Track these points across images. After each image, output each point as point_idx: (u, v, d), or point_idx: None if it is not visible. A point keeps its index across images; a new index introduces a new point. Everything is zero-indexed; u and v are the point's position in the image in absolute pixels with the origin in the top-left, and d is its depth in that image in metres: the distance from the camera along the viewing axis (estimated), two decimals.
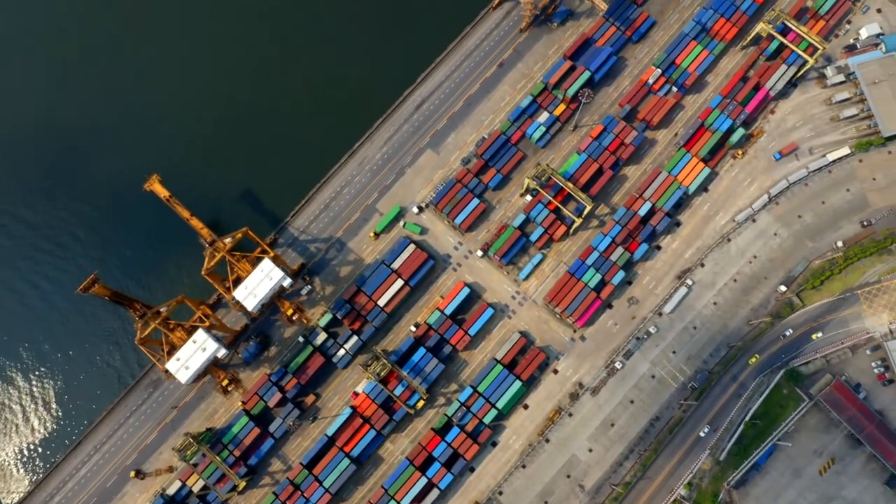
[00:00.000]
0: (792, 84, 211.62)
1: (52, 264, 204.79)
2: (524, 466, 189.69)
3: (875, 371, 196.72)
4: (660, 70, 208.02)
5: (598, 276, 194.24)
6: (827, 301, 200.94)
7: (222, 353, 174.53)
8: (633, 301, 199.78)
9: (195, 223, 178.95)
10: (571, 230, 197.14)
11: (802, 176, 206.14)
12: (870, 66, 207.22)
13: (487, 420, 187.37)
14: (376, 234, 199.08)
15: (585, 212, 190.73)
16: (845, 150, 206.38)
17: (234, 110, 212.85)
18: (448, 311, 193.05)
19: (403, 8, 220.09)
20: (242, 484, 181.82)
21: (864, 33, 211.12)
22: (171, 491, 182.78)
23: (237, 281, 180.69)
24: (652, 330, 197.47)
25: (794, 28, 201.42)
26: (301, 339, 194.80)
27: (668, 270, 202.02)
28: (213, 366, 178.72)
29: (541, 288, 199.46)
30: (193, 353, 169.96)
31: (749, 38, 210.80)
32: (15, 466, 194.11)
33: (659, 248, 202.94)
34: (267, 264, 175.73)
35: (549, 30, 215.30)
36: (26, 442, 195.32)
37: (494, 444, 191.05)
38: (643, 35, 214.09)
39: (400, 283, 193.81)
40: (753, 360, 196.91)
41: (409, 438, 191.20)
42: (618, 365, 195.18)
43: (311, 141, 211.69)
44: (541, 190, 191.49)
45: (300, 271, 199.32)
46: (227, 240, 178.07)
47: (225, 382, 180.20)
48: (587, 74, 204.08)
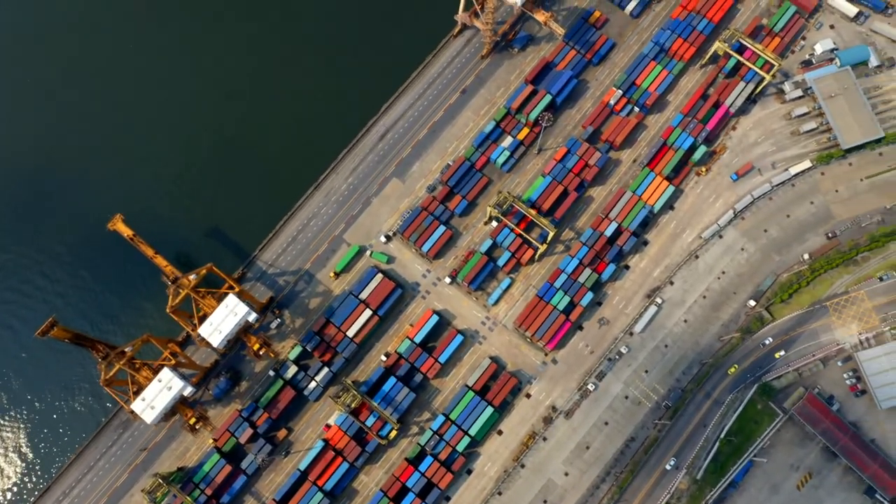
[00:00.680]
0: (752, 100, 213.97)
1: (19, 303, 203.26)
2: (500, 493, 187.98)
3: (847, 382, 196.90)
4: (621, 91, 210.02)
5: (567, 299, 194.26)
6: (796, 314, 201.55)
7: (189, 391, 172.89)
8: (604, 322, 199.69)
9: (159, 261, 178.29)
10: (537, 256, 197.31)
11: (766, 190, 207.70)
12: (826, 81, 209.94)
13: (461, 448, 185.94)
14: (336, 274, 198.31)
15: (549, 237, 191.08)
16: (807, 164, 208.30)
17: (199, 146, 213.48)
18: (418, 340, 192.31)
19: (366, 38, 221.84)
20: None
21: (818, 49, 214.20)
22: None
23: (204, 317, 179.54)
24: (623, 350, 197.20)
25: (749, 46, 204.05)
26: (272, 373, 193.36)
27: (637, 290, 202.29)
28: (181, 404, 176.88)
29: (510, 312, 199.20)
30: (159, 393, 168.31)
31: (707, 57, 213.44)
32: None
33: (627, 267, 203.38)
34: (231, 300, 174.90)
35: (510, 55, 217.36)
36: None
37: (469, 472, 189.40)
38: (603, 57, 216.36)
39: (368, 313, 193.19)
40: (733, 369, 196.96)
41: (383, 469, 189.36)
42: (591, 387, 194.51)
43: (277, 174, 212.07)
44: (503, 218, 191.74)
45: (269, 305, 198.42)
46: (192, 276, 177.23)
47: (192, 420, 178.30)
48: (548, 98, 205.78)
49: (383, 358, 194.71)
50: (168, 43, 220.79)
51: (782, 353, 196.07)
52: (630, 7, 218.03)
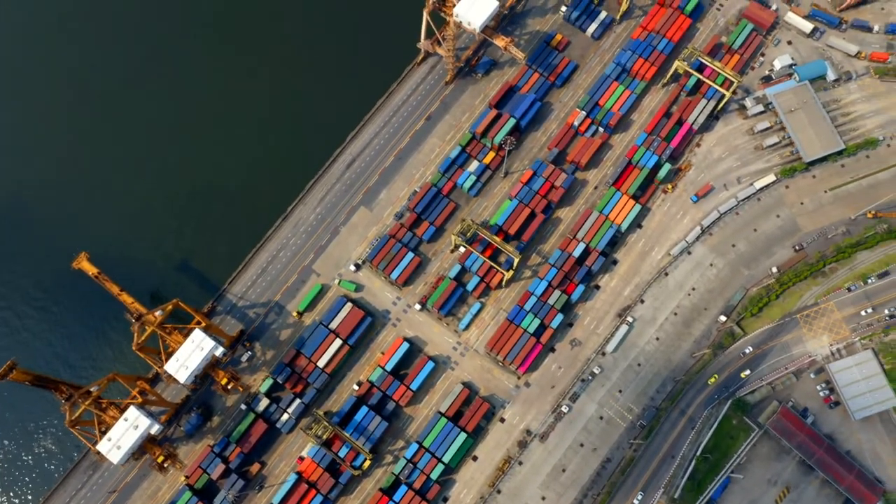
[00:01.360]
0: (714, 117, 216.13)
1: None
2: None
3: (821, 394, 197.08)
4: (584, 112, 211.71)
5: (537, 321, 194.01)
6: (767, 328, 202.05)
7: (156, 429, 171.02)
8: (576, 343, 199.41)
9: (125, 298, 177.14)
10: (504, 282, 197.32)
11: (733, 205, 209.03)
12: (785, 96, 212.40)
13: (435, 475, 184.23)
14: (299, 314, 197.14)
15: (515, 263, 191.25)
16: (771, 178, 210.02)
17: (166, 180, 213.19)
18: (389, 368, 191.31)
19: (331, 67, 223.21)
20: None
21: (777, 65, 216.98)
22: None
23: (172, 354, 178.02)
24: (596, 370, 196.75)
25: (709, 64, 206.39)
26: (243, 407, 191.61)
27: (608, 309, 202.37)
28: (149, 442, 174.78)
29: (482, 337, 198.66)
30: (125, 432, 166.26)
31: (669, 76, 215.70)
32: None
33: (598, 287, 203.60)
34: (198, 335, 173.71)
35: (473, 80, 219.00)
36: None
37: (445, 500, 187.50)
38: (566, 79, 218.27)
39: (339, 342, 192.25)
40: (713, 380, 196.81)
41: (358, 500, 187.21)
42: (564, 409, 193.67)
43: (245, 206, 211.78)
44: (467, 246, 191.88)
45: (239, 338, 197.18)
46: (158, 313, 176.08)
47: (160, 459, 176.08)
48: (512, 121, 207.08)
49: (355, 387, 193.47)
50: (133, 78, 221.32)
51: (748, 371, 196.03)
52: (591, 29, 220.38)
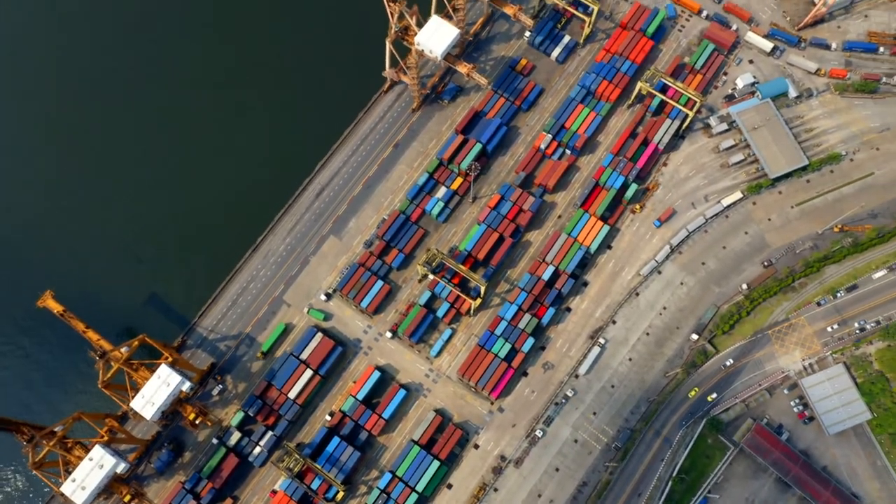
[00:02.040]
0: (680, 136, 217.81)
1: None
2: None
3: (795, 410, 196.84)
4: (550, 135, 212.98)
5: (508, 346, 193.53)
6: (739, 345, 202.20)
7: (122, 467, 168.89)
8: (549, 366, 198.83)
9: (91, 335, 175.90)
10: (472, 310, 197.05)
11: (701, 224, 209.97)
12: (748, 114, 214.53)
13: None
14: (263, 354, 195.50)
15: (482, 291, 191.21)
16: (738, 195, 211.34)
17: (133, 214, 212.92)
18: (360, 397, 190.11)
19: (298, 97, 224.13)
20: None
21: (740, 83, 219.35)
22: None
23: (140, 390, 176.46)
24: (570, 393, 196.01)
25: (671, 85, 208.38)
26: (215, 441, 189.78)
27: (580, 331, 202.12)
28: (116, 482, 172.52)
29: (454, 363, 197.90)
30: (90, 472, 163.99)
31: (633, 97, 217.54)
32: None
33: (569, 309, 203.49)
34: (164, 370, 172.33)
35: (440, 107, 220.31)
36: None
37: None
38: (532, 103, 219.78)
39: (309, 373, 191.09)
40: (693, 393, 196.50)
41: None
42: (539, 433, 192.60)
43: (215, 238, 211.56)
44: (433, 275, 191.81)
45: (210, 372, 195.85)
46: (124, 349, 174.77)
47: (127, 498, 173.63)
48: (479, 146, 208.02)
49: (328, 417, 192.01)
50: (98, 114, 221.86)
51: (714, 395, 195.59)
52: (555, 53, 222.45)
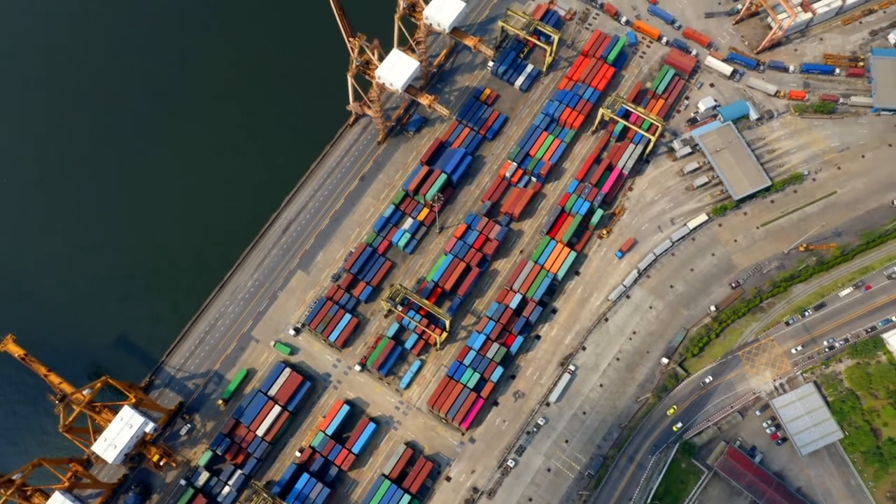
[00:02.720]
0: (645, 160, 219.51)
1: None
2: None
3: (767, 431, 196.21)
4: (515, 163, 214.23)
5: (477, 375, 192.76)
6: (710, 367, 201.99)
7: None
8: (519, 395, 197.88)
9: (52, 379, 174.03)
10: (438, 345, 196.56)
11: (668, 247, 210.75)
12: (710, 137, 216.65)
13: None
14: (224, 401, 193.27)
15: (447, 325, 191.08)
16: (704, 217, 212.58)
17: (98, 255, 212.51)
18: (330, 432, 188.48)
19: (264, 131, 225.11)
20: None
21: (701, 107, 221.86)
22: None
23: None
24: (541, 422, 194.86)
25: (632, 110, 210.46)
26: (183, 482, 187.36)
27: (550, 359, 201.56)
28: None
29: (424, 395, 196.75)
30: None
31: (597, 124, 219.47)
32: None
33: (538, 337, 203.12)
34: (126, 412, 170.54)
35: (405, 139, 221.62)
36: None
37: None
38: (497, 132, 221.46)
39: (278, 409, 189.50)
40: (671, 411, 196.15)
41: None
42: (511, 463, 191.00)
43: (182, 276, 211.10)
44: (397, 311, 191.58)
45: (178, 411, 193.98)
46: (86, 392, 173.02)
47: None
48: (444, 177, 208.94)
49: (297, 454, 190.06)
50: (61, 152, 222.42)
51: (679, 424, 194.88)
52: (519, 82, 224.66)
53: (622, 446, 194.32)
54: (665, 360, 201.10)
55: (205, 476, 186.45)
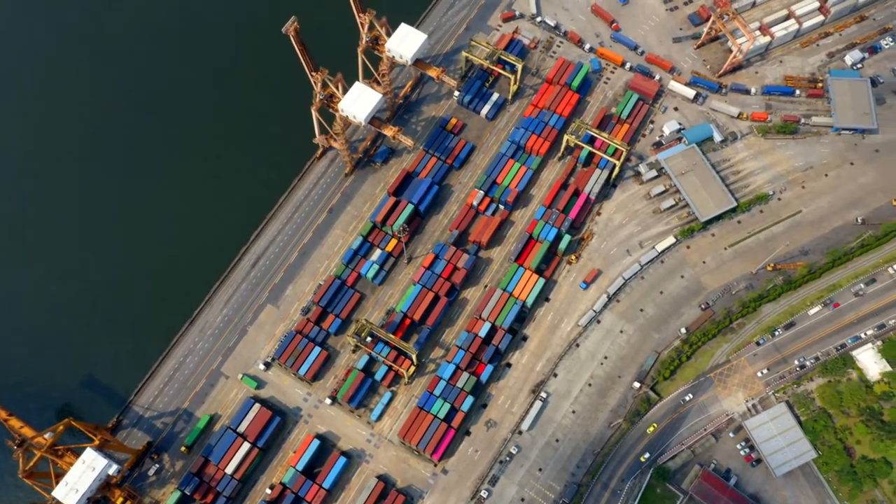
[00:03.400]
0: (612, 185, 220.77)
1: None
2: None
3: (741, 453, 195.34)
4: (482, 191, 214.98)
5: (447, 406, 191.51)
6: (682, 389, 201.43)
7: None
8: (491, 424, 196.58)
9: (13, 423, 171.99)
10: (406, 379, 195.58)
11: (637, 270, 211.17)
12: (676, 159, 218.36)
13: None
14: (188, 448, 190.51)
15: (414, 359, 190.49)
16: (671, 240, 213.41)
17: (64, 292, 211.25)
18: (300, 467, 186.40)
19: (231, 164, 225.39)
20: None
21: (666, 130, 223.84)
22: None
23: None
24: (514, 450, 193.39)
25: (597, 135, 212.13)
26: None
27: (521, 387, 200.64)
28: None
29: (395, 426, 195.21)
30: None
31: (563, 150, 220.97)
32: None
33: (509, 365, 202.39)
34: (89, 454, 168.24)
35: (373, 170, 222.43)
36: None
37: None
38: (464, 161, 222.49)
39: (247, 446, 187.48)
40: (651, 429, 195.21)
41: None
42: (484, 493, 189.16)
43: (150, 314, 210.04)
44: (363, 346, 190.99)
45: (147, 451, 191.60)
46: (48, 435, 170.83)
47: None
48: (410, 207, 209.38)
49: (268, 491, 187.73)
50: (30, 186, 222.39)
51: (647, 455, 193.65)
52: (485, 111, 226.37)
53: (596, 473, 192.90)
54: (637, 385, 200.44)
55: None
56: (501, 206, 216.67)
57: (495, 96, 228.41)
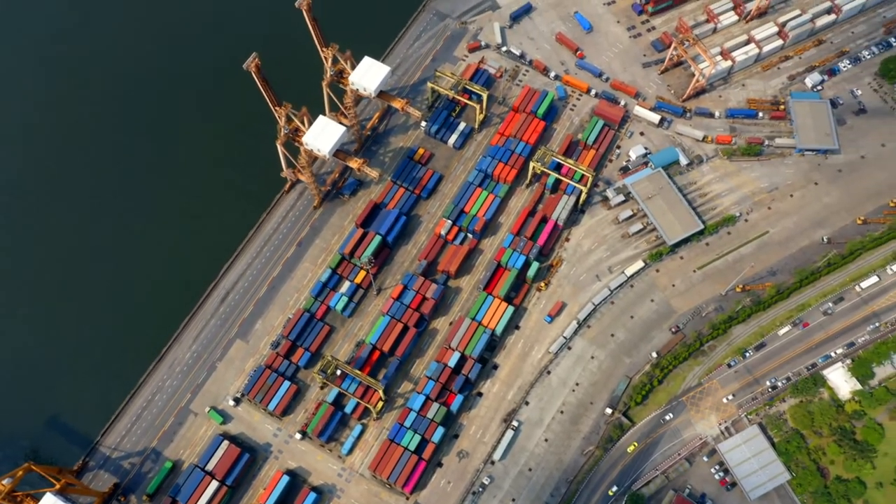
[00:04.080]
0: (580, 210, 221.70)
1: None
2: None
3: (716, 477, 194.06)
4: (450, 221, 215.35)
5: (418, 437, 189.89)
6: (655, 414, 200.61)
7: None
8: (463, 454, 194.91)
9: None
10: (376, 414, 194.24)
11: (606, 295, 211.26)
12: (642, 184, 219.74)
13: None
14: (149, 497, 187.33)
15: (381, 394, 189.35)
16: (640, 264, 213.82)
17: (29, 331, 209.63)
18: None
19: (200, 198, 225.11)
20: None
21: (632, 155, 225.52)
22: None
23: None
24: (486, 481, 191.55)
25: (562, 162, 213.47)
26: None
27: (493, 416, 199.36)
28: None
29: (366, 460, 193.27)
30: None
31: (530, 177, 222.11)
32: None
33: (480, 394, 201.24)
34: (48, 499, 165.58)
35: (341, 202, 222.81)
36: None
37: None
38: (432, 190, 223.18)
39: (215, 484, 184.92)
40: (632, 448, 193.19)
41: None
42: None
43: (117, 351, 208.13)
44: (330, 383, 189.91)
45: (114, 493, 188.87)
46: (7, 481, 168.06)
47: None
48: (378, 238, 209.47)
49: None
50: None
51: (615, 488, 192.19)
52: (452, 140, 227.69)
53: (570, 502, 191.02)
54: (609, 411, 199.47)
55: None
56: (470, 235, 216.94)
57: (462, 126, 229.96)
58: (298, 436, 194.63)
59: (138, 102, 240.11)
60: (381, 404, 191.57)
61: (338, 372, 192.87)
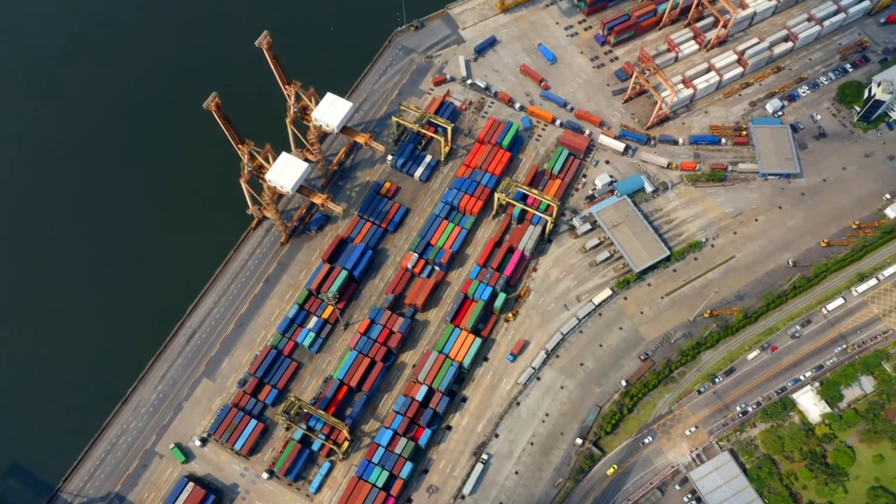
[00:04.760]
0: (547, 240, 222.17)
1: None
2: None
3: None
4: (417, 254, 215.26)
5: (386, 473, 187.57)
6: (626, 443, 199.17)
7: None
8: (433, 489, 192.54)
9: None
10: (342, 454, 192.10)
11: (575, 325, 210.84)
12: (608, 212, 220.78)
13: None
14: None
15: (346, 433, 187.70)
16: (608, 292, 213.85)
17: None
18: None
19: (166, 236, 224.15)
20: None
21: (598, 183, 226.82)
22: None
23: None
24: None
25: (527, 192, 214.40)
26: None
27: (462, 449, 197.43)
28: None
29: (335, 498, 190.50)
30: None
31: (496, 208, 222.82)
32: None
33: (450, 428, 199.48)
34: None
35: (308, 238, 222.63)
36: None
37: None
38: (399, 224, 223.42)
39: None
40: (611, 470, 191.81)
41: None
42: None
43: (81, 393, 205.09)
44: (294, 424, 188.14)
45: None
46: None
47: None
48: (345, 273, 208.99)
49: None
50: None
51: None
52: (418, 173, 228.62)
53: None
54: (580, 441, 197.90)
55: None
56: (436, 268, 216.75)
57: (428, 158, 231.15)
58: (265, 475, 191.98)
59: (100, 140, 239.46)
60: (346, 444, 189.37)
61: (303, 411, 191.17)
